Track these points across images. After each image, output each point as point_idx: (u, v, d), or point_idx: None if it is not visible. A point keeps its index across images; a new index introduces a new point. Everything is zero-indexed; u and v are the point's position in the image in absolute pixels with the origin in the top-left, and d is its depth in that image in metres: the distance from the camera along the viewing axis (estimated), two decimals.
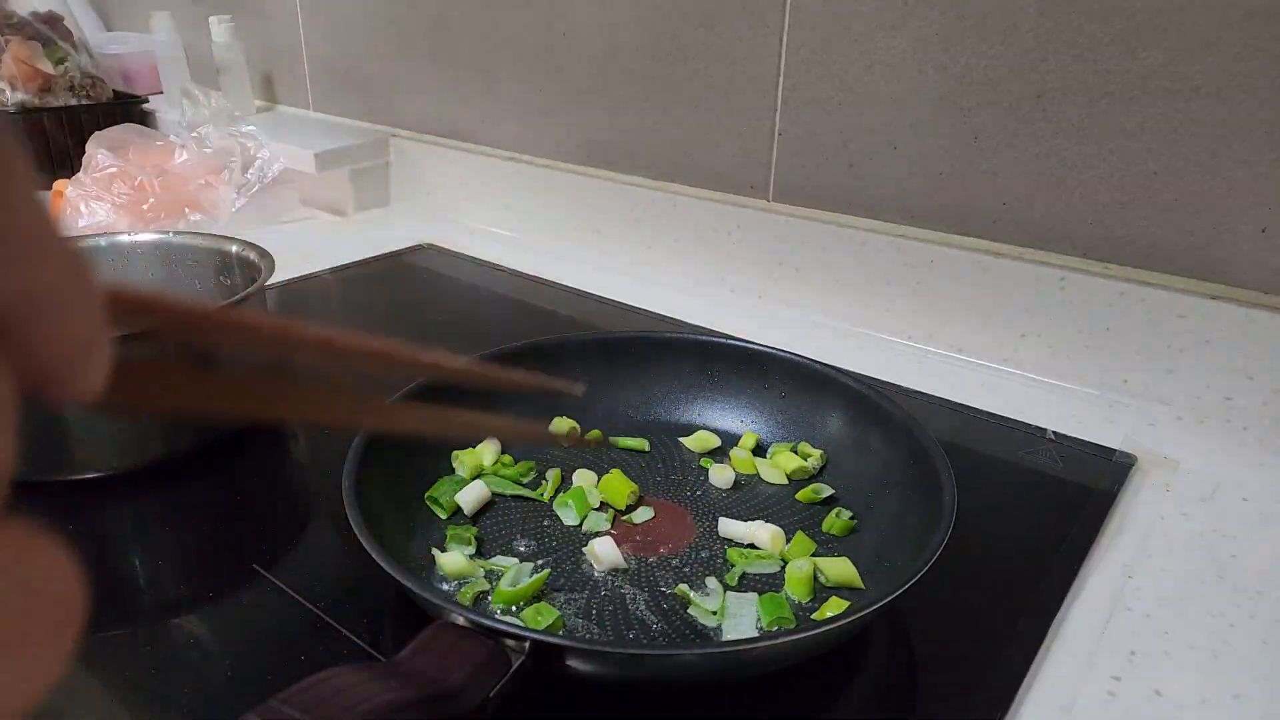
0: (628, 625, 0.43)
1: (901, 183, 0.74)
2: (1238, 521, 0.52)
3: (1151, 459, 0.58)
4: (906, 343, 0.75)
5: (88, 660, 0.41)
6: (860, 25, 0.72)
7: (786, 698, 0.39)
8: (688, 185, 0.88)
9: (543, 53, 0.95)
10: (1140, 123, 0.61)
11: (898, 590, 0.37)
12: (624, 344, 0.60)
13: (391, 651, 0.39)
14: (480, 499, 0.51)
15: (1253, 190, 0.59)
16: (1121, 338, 0.64)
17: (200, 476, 0.56)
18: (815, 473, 0.54)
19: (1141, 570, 0.48)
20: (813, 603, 0.44)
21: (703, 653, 0.38)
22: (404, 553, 0.45)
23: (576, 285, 0.87)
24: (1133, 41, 0.60)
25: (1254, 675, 0.41)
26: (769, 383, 0.58)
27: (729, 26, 0.80)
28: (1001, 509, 0.53)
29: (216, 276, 0.70)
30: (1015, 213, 0.69)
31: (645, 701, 0.39)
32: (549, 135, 0.98)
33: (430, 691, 0.31)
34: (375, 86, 1.17)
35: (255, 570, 0.47)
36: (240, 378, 0.29)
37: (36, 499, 0.53)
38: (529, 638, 0.34)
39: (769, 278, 0.82)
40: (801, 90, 0.77)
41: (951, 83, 0.68)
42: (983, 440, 0.60)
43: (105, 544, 0.50)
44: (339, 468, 0.44)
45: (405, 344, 0.26)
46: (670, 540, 0.49)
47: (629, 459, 0.56)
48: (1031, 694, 0.40)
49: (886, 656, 0.42)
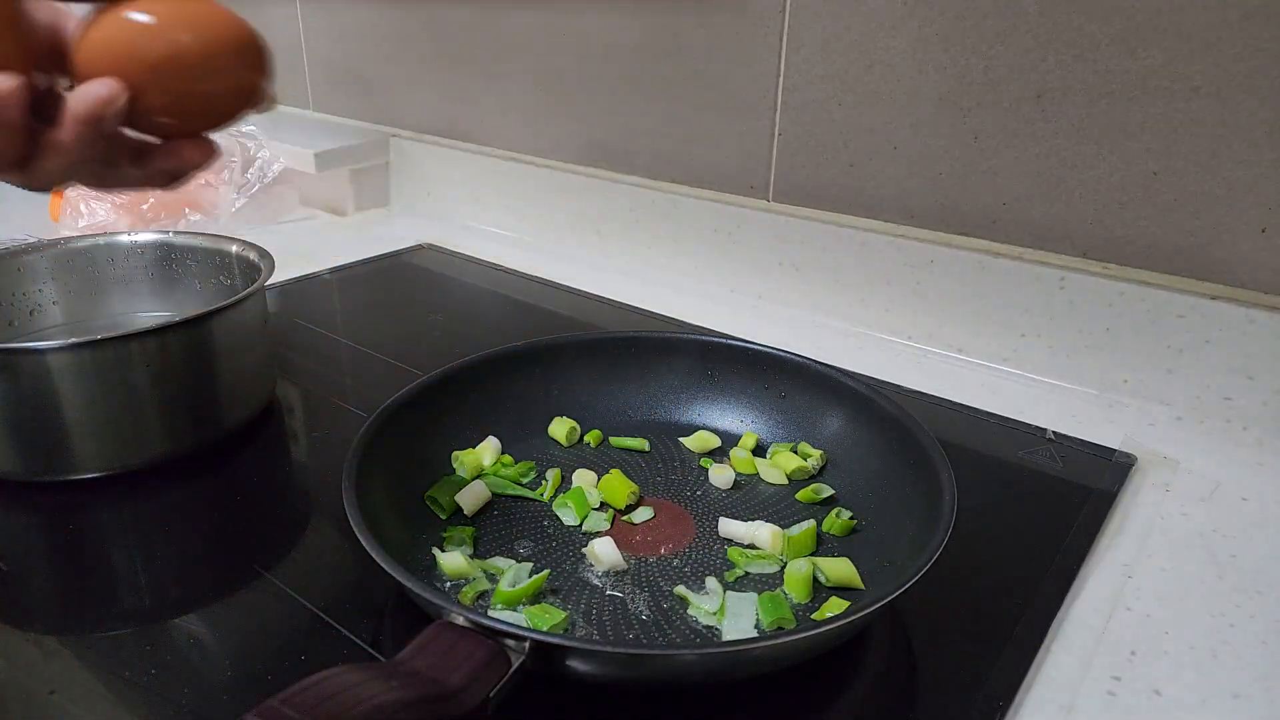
0: (628, 625, 0.43)
1: (901, 183, 0.74)
2: (1237, 521, 0.52)
3: (1151, 459, 0.58)
4: (906, 343, 0.75)
5: (88, 660, 0.41)
6: (860, 25, 0.72)
7: (786, 698, 0.39)
8: (688, 185, 0.88)
9: (543, 53, 0.95)
10: (1140, 123, 0.61)
11: (898, 590, 0.37)
12: (624, 344, 0.60)
13: (391, 651, 0.39)
14: (480, 499, 0.51)
15: (1253, 190, 0.59)
16: (1121, 338, 0.64)
17: (200, 476, 0.56)
18: (815, 473, 0.54)
19: (1141, 570, 0.48)
20: (813, 603, 0.44)
21: (703, 653, 0.38)
22: (404, 553, 0.45)
23: (576, 285, 0.88)
24: (1133, 41, 0.60)
25: (1253, 675, 0.41)
26: (769, 383, 0.58)
27: (729, 26, 0.80)
28: (1001, 509, 0.53)
29: (216, 276, 0.70)
30: (1015, 213, 0.69)
31: (645, 701, 0.39)
32: (549, 135, 0.98)
33: (430, 691, 0.31)
34: (375, 86, 1.17)
35: (255, 570, 0.47)
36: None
37: (36, 499, 0.53)
38: (529, 638, 0.34)
39: (769, 278, 0.82)
40: (801, 90, 0.77)
41: (951, 83, 0.68)
42: (983, 440, 0.60)
43: (105, 544, 0.50)
44: (339, 468, 0.44)
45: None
46: (670, 540, 0.49)
47: (629, 459, 0.56)
48: (1031, 694, 0.40)
49: (886, 656, 0.42)
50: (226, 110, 0.34)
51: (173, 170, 0.36)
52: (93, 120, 0.32)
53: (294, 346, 0.74)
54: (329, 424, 0.64)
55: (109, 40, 0.32)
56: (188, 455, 0.56)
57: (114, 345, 0.52)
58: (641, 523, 0.50)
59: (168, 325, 0.53)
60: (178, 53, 0.32)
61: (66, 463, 0.53)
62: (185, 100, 0.33)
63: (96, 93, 0.32)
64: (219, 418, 0.58)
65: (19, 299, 0.67)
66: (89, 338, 0.51)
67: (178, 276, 0.71)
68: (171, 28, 0.32)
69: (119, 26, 0.32)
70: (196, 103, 0.33)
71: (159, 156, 0.35)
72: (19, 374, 0.50)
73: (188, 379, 0.55)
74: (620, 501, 0.51)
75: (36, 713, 0.39)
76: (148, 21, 0.32)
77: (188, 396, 0.56)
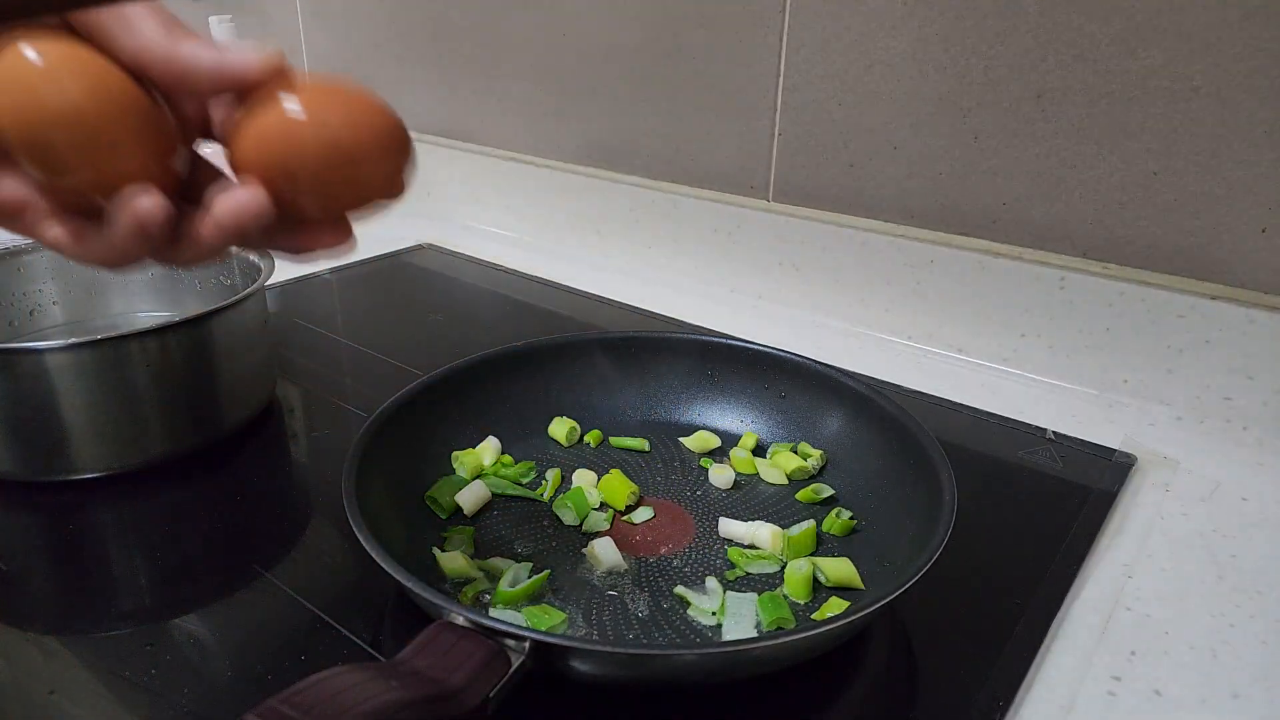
0: (627, 625, 0.43)
1: (901, 183, 0.74)
2: (1237, 521, 0.52)
3: (1151, 459, 0.58)
4: (906, 343, 0.75)
5: (88, 660, 0.41)
6: (860, 25, 0.72)
7: (786, 698, 0.39)
8: (688, 185, 0.88)
9: (543, 53, 0.95)
10: (1140, 123, 0.61)
11: (898, 590, 0.37)
12: (624, 344, 0.60)
13: (391, 651, 0.39)
14: (480, 499, 0.51)
15: (1253, 190, 0.59)
16: (1121, 338, 0.64)
17: (200, 476, 0.56)
18: (815, 473, 0.54)
19: (1141, 570, 0.48)
20: (813, 603, 0.44)
21: (703, 653, 0.38)
22: (404, 553, 0.45)
23: (576, 285, 0.88)
24: (1133, 41, 0.60)
25: (1253, 675, 0.41)
26: (769, 383, 0.58)
27: (729, 26, 0.79)
28: (1001, 509, 0.53)
29: (216, 276, 0.70)
30: (1015, 213, 0.69)
31: (645, 701, 0.39)
32: (549, 135, 0.98)
33: (430, 691, 0.31)
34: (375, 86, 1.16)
35: (255, 570, 0.47)
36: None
37: (36, 499, 0.53)
38: (529, 638, 0.34)
39: (769, 278, 0.82)
40: (801, 90, 0.77)
41: (951, 83, 0.68)
42: (983, 440, 0.60)
43: (105, 544, 0.50)
44: (339, 468, 0.44)
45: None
46: (670, 540, 0.49)
47: (629, 459, 0.56)
48: (1031, 694, 0.40)
49: (886, 656, 0.42)
50: (370, 197, 0.34)
51: (304, 249, 0.35)
52: (238, 230, 0.32)
53: (294, 346, 0.74)
54: (329, 424, 0.64)
55: (263, 133, 0.31)
56: (188, 455, 0.56)
57: (114, 345, 0.52)
58: (641, 523, 0.50)
59: (168, 325, 0.53)
60: (332, 143, 0.31)
61: (66, 463, 0.53)
62: (333, 188, 0.33)
63: (245, 204, 0.31)
64: (219, 418, 0.58)
65: (19, 299, 0.67)
66: (89, 338, 0.51)
67: (177, 276, 0.71)
68: (326, 119, 0.31)
69: (274, 118, 0.31)
70: (344, 190, 0.33)
71: (294, 235, 0.34)
72: (19, 374, 0.50)
73: (188, 379, 0.55)
74: (620, 501, 0.51)
75: (36, 713, 0.39)
76: (303, 113, 0.31)
77: (188, 396, 0.56)
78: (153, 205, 0.30)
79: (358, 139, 0.32)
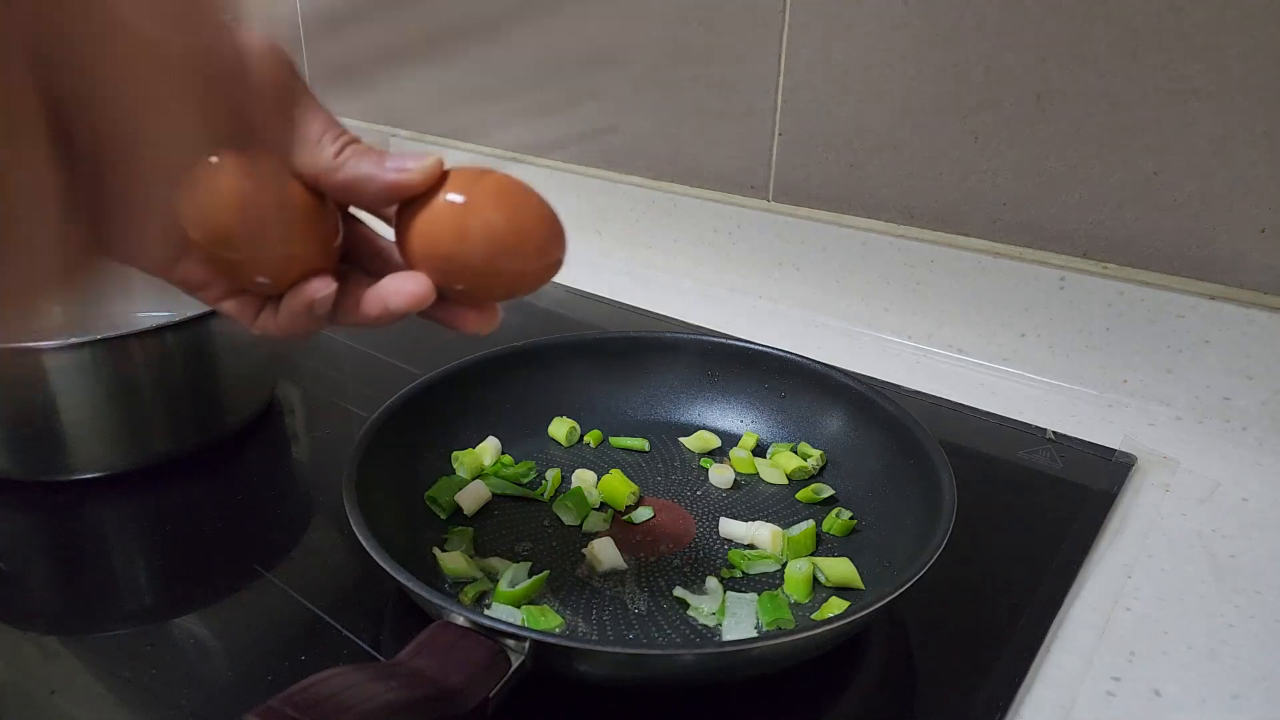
0: (627, 625, 0.43)
1: (902, 183, 0.74)
2: (1237, 521, 0.52)
3: (1151, 459, 0.58)
4: (906, 343, 0.75)
5: (88, 660, 0.41)
6: (860, 25, 0.72)
7: (786, 698, 0.39)
8: (688, 185, 0.88)
9: (543, 53, 0.95)
10: (1140, 123, 0.61)
11: (898, 590, 0.37)
12: (624, 344, 0.60)
13: (391, 651, 0.39)
14: (480, 499, 0.51)
15: (1253, 190, 0.59)
16: (1121, 338, 0.64)
17: (200, 476, 0.56)
18: (815, 473, 0.54)
19: (1141, 570, 0.48)
20: (813, 603, 0.44)
21: (703, 653, 0.38)
22: (404, 553, 0.45)
23: (576, 285, 0.87)
24: (1133, 42, 0.60)
25: (1252, 675, 0.41)
26: (769, 383, 0.58)
27: (729, 26, 0.79)
28: (1001, 509, 0.53)
29: None
30: (1015, 213, 0.69)
31: (645, 702, 0.39)
32: (549, 135, 0.98)
33: (430, 692, 0.32)
34: (375, 86, 1.17)
35: (256, 570, 0.47)
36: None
37: (36, 499, 0.53)
38: (529, 638, 0.34)
39: (769, 278, 0.82)
40: (801, 90, 0.77)
41: (951, 83, 0.68)
42: (983, 440, 0.60)
43: (105, 544, 0.50)
44: (339, 468, 0.44)
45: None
46: (670, 540, 0.49)
47: (629, 459, 0.56)
48: (1031, 694, 0.40)
49: (886, 656, 0.42)
50: (523, 286, 0.35)
51: (448, 326, 0.36)
52: (403, 315, 0.34)
53: (294, 346, 0.74)
54: (329, 424, 0.64)
55: (430, 226, 0.33)
56: (188, 455, 0.56)
57: (114, 345, 0.52)
58: (641, 523, 0.50)
59: (168, 325, 0.53)
60: (496, 239, 0.33)
61: (66, 463, 0.53)
62: (492, 279, 0.34)
63: (416, 295, 0.33)
64: (219, 418, 0.58)
65: None
66: (89, 338, 0.51)
67: None
68: (491, 216, 0.33)
69: (440, 213, 0.33)
70: (501, 281, 0.34)
71: (443, 314, 0.36)
72: (19, 374, 0.50)
73: (188, 379, 0.55)
74: (620, 502, 0.51)
75: (36, 713, 0.39)
76: (468, 208, 0.32)
77: (188, 396, 0.56)
78: (323, 287, 0.33)
79: (521, 233, 0.33)
